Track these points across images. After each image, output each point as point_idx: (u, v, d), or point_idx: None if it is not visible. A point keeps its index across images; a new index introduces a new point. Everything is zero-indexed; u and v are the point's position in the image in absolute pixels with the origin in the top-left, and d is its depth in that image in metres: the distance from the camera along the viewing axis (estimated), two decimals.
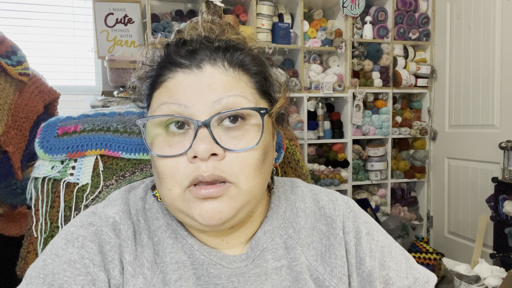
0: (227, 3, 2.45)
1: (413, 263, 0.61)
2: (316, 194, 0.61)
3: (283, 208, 0.58)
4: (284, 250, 0.55)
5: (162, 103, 0.48)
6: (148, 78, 0.53)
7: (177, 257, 0.51)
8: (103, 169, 0.77)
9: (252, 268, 0.52)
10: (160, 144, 0.48)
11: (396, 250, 0.60)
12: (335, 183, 2.62)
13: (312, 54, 2.66)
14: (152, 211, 0.55)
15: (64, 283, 0.44)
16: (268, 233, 0.55)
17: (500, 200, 2.09)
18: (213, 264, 0.52)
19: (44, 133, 0.75)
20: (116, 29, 2.46)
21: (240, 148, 0.47)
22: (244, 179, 0.47)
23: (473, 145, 2.49)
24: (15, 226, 1.30)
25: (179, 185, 0.47)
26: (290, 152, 0.93)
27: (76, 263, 0.46)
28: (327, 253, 0.56)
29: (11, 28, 2.41)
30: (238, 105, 0.47)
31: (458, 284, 1.88)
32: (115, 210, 0.53)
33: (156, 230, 0.53)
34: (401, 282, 0.58)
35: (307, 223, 0.58)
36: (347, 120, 2.67)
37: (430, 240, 2.93)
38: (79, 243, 0.48)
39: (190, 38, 0.51)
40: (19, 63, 1.28)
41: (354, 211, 0.60)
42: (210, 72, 0.48)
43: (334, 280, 0.54)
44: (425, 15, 2.79)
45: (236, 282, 0.51)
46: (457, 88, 2.62)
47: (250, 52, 0.53)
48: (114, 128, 0.78)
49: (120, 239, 0.50)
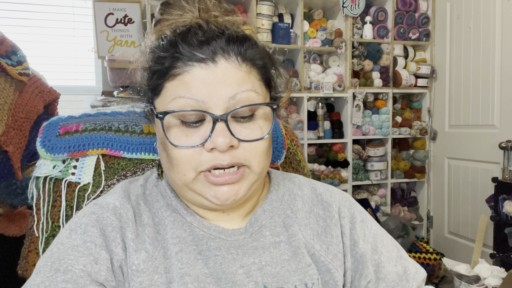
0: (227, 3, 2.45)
1: (404, 254, 0.64)
2: (313, 184, 0.66)
3: (282, 193, 0.63)
4: (283, 227, 0.59)
5: (179, 96, 0.50)
6: (159, 66, 0.52)
7: (177, 233, 0.54)
8: (104, 168, 0.77)
9: (250, 241, 0.56)
10: (176, 133, 0.51)
11: (388, 241, 0.63)
12: (335, 183, 2.62)
13: (312, 54, 2.66)
14: (152, 195, 0.59)
15: (68, 266, 0.48)
16: (267, 212, 0.60)
17: (500, 200, 2.09)
18: (213, 238, 0.55)
19: (45, 133, 0.75)
20: (116, 29, 2.46)
21: (253, 138, 0.52)
22: (256, 163, 0.53)
23: (473, 145, 2.49)
24: (15, 226, 1.30)
25: (194, 170, 0.51)
26: (291, 152, 0.93)
27: (79, 247, 0.50)
28: (323, 233, 0.60)
29: (11, 28, 2.40)
30: (251, 100, 0.51)
31: (458, 284, 1.89)
32: (115, 197, 0.57)
33: (156, 211, 0.57)
34: (391, 268, 0.60)
35: (304, 207, 0.62)
36: (347, 120, 2.67)
37: (430, 240, 2.93)
38: (81, 230, 0.52)
39: (199, 26, 0.52)
40: (19, 63, 1.28)
41: (350, 200, 0.65)
42: (225, 68, 0.50)
43: (329, 256, 0.58)
44: (425, 15, 2.79)
45: (235, 254, 0.54)
46: (457, 88, 2.62)
47: (259, 45, 0.55)
48: (116, 128, 0.78)
49: (121, 222, 0.54)
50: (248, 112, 0.52)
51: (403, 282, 0.59)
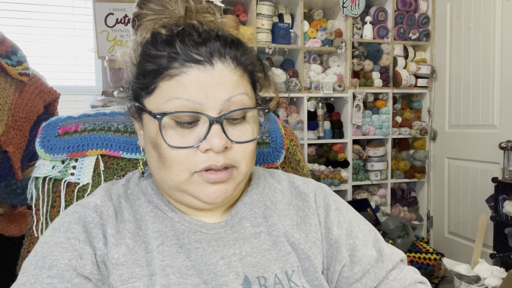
0: (227, 3, 2.45)
1: (381, 239, 0.65)
2: (291, 178, 0.68)
3: (262, 186, 0.65)
4: (263, 218, 0.60)
5: (176, 97, 0.51)
6: (153, 64, 0.52)
7: (158, 227, 0.56)
8: (104, 169, 0.77)
9: (231, 233, 0.58)
10: (171, 134, 0.52)
11: (365, 226, 0.65)
12: (335, 183, 2.62)
13: (312, 54, 2.66)
14: (134, 193, 0.60)
15: (53, 262, 0.49)
16: (247, 204, 0.61)
17: (500, 200, 2.09)
18: (194, 232, 0.56)
19: (45, 133, 0.75)
20: (116, 29, 2.46)
21: (245, 140, 0.54)
22: (244, 164, 0.55)
23: (473, 145, 2.49)
24: (15, 226, 1.30)
25: (187, 171, 0.52)
26: (290, 152, 0.92)
27: (63, 244, 0.51)
28: (302, 223, 0.62)
29: (11, 28, 2.41)
30: (244, 103, 0.53)
31: (458, 284, 1.89)
32: (96, 196, 0.58)
33: (138, 208, 0.58)
34: (367, 251, 0.61)
35: (284, 199, 0.64)
36: (347, 120, 2.67)
37: (430, 240, 2.93)
38: (64, 228, 0.53)
39: (192, 27, 0.53)
40: (19, 63, 1.28)
41: (325, 190, 0.67)
42: (222, 70, 0.52)
43: (308, 244, 0.59)
44: (425, 15, 2.79)
45: (216, 246, 0.55)
46: (457, 88, 2.62)
47: (250, 50, 0.57)
48: (115, 128, 0.78)
49: (103, 219, 0.55)
50: (241, 115, 0.54)
51: (379, 263, 0.60)
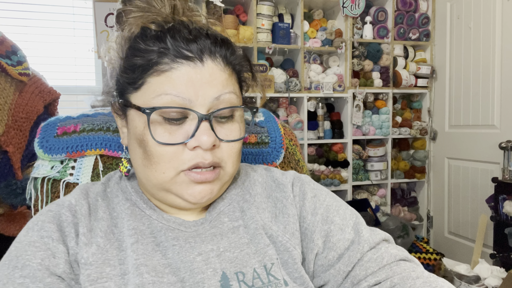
0: (227, 3, 2.45)
1: (362, 224, 0.61)
2: (272, 171, 0.68)
3: (242, 180, 0.65)
4: (241, 212, 0.60)
5: (165, 93, 0.50)
6: (141, 59, 0.52)
7: (134, 225, 0.55)
8: (102, 169, 0.77)
9: (209, 229, 0.57)
10: (159, 130, 0.51)
11: (346, 211, 0.62)
12: (335, 183, 2.62)
13: (312, 54, 2.66)
14: (113, 192, 0.60)
15: (26, 261, 0.48)
16: (226, 199, 0.61)
17: (500, 200, 2.08)
18: (172, 229, 0.56)
19: (43, 133, 0.75)
20: None
21: (232, 139, 0.54)
22: (231, 163, 0.55)
23: (473, 145, 2.49)
24: (15, 226, 1.30)
25: (174, 169, 0.52)
26: (290, 152, 0.92)
27: (36, 243, 0.50)
28: (281, 214, 0.61)
29: (11, 28, 2.41)
30: (232, 102, 0.54)
31: (458, 284, 1.88)
32: (72, 195, 0.57)
33: (115, 206, 0.57)
34: (342, 235, 0.59)
35: (263, 192, 0.63)
36: (347, 120, 2.67)
37: (430, 240, 2.93)
38: (38, 227, 0.52)
39: (182, 23, 0.53)
40: (19, 63, 1.28)
41: (302, 179, 0.66)
42: (212, 68, 0.52)
43: (286, 236, 0.58)
44: (425, 15, 2.79)
45: (193, 242, 0.55)
46: (457, 88, 2.62)
47: (238, 50, 0.58)
48: (114, 128, 0.78)
49: (76, 218, 0.54)
50: (229, 113, 0.54)
51: (354, 245, 0.58)
